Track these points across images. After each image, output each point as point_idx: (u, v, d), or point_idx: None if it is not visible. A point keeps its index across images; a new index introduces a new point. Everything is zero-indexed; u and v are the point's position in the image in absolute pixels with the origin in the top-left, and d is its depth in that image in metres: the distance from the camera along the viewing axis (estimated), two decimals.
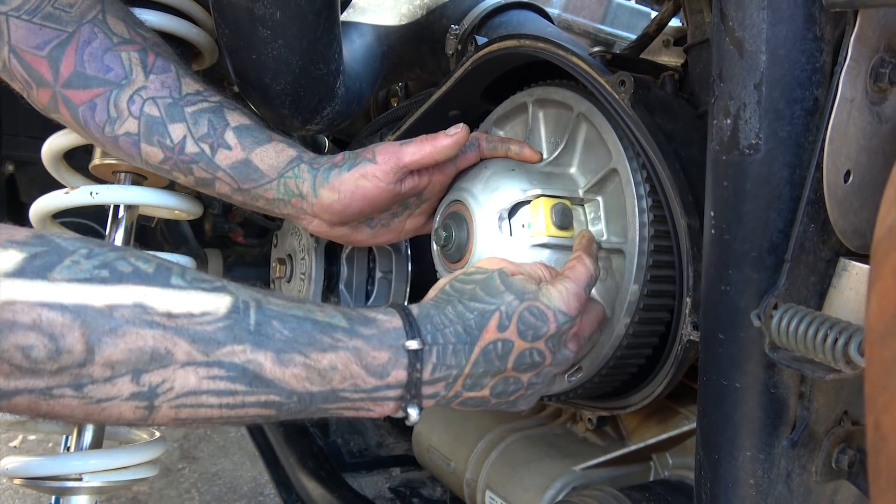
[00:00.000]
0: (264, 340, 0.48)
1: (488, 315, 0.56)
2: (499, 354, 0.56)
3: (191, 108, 0.72)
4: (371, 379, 0.52)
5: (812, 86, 0.40)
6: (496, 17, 0.93)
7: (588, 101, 0.71)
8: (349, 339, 0.51)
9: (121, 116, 0.71)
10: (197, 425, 0.50)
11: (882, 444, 0.20)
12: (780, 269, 0.42)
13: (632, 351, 0.69)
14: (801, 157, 0.41)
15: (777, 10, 0.39)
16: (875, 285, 0.22)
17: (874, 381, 0.21)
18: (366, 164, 0.71)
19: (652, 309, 0.67)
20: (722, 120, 0.43)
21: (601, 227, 0.71)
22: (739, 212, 0.44)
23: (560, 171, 0.74)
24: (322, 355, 0.50)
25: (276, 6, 0.70)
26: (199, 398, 0.47)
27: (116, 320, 0.44)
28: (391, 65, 1.00)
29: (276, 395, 0.49)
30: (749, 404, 0.46)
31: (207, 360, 0.47)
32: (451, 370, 0.55)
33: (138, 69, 0.71)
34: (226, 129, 0.72)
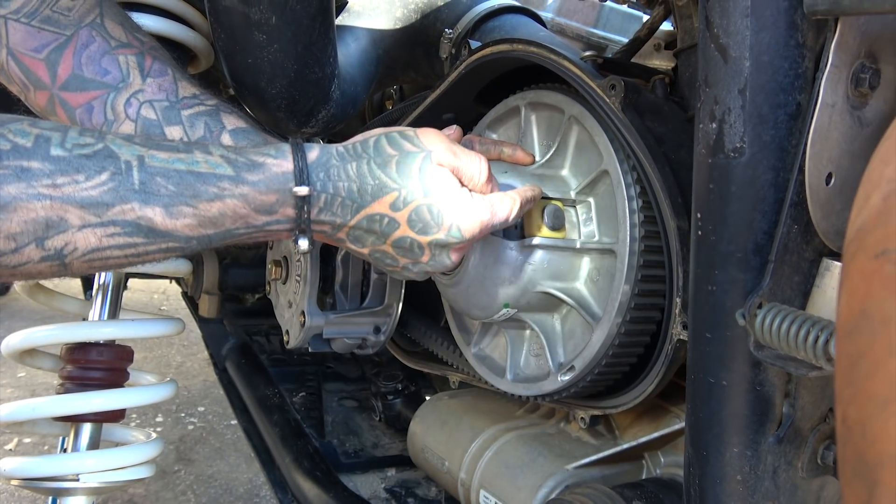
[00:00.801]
0: (151, 197, 0.52)
1: (386, 191, 0.59)
2: (382, 228, 0.60)
3: (187, 111, 0.72)
4: (261, 216, 0.56)
5: (795, 91, 0.41)
6: (490, 21, 0.94)
7: (580, 104, 0.72)
8: (235, 187, 0.55)
9: (118, 119, 0.72)
10: (108, 269, 0.55)
11: (848, 436, 0.21)
12: (764, 269, 0.43)
13: (623, 350, 0.70)
14: (784, 161, 0.42)
15: (760, 18, 0.40)
16: (844, 284, 0.23)
17: (841, 376, 0.22)
18: None
19: (643, 309, 0.68)
20: (707, 124, 0.44)
21: (593, 227, 0.72)
22: (725, 213, 0.45)
23: (552, 172, 0.75)
24: (210, 205, 0.54)
25: (272, 11, 0.70)
26: (104, 253, 0.51)
27: (4, 197, 0.47)
28: (386, 68, 1.01)
29: (174, 242, 0.53)
30: (736, 402, 0.47)
31: (101, 221, 0.50)
32: (335, 218, 0.58)
33: (135, 73, 0.72)
34: (222, 132, 0.72)
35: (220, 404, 2.40)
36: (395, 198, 0.59)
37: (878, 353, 0.20)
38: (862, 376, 0.20)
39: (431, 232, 0.60)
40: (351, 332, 1.07)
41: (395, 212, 0.59)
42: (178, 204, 0.53)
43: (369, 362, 1.41)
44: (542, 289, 0.72)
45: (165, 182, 0.53)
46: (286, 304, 1.11)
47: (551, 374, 0.75)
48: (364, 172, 0.59)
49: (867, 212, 0.24)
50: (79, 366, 0.80)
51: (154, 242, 0.53)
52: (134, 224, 0.51)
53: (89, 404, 0.77)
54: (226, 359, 1.38)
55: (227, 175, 0.55)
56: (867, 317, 0.21)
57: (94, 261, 0.52)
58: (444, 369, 1.02)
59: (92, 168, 0.50)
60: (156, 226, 0.52)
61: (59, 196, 0.49)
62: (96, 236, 0.51)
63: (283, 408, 1.17)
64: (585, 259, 0.73)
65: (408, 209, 0.59)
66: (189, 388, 2.62)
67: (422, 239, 0.60)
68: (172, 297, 3.45)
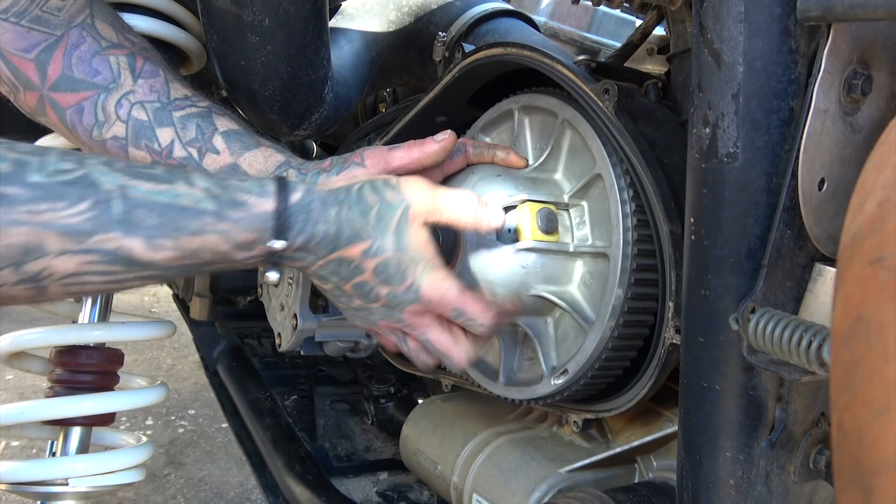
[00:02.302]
0: (132, 228, 0.52)
1: (361, 238, 0.60)
2: (349, 270, 0.61)
3: (179, 112, 0.72)
4: (240, 252, 0.57)
5: (788, 97, 0.41)
6: (483, 24, 0.94)
7: (573, 108, 0.72)
8: (216, 224, 0.55)
9: (108, 120, 0.71)
10: (91, 293, 0.54)
11: (844, 443, 0.21)
12: (757, 274, 0.43)
13: (616, 353, 0.70)
14: (777, 166, 0.42)
15: (754, 24, 0.40)
16: (839, 291, 0.23)
17: (837, 383, 0.22)
18: (354, 168, 0.72)
19: (636, 312, 0.68)
20: (701, 129, 0.44)
21: (586, 231, 0.72)
22: (718, 218, 0.45)
23: (545, 176, 0.75)
24: (191, 239, 0.54)
25: (265, 13, 0.70)
26: (82, 279, 0.51)
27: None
28: (379, 71, 1.01)
29: (154, 271, 0.54)
30: (729, 406, 0.48)
31: (81, 248, 0.50)
32: (308, 255, 0.60)
33: (126, 73, 0.71)
34: (214, 133, 0.72)
35: (210, 407, 2.39)
36: (368, 245, 0.60)
37: (875, 359, 0.20)
38: (858, 382, 0.20)
39: (393, 283, 0.62)
40: (343, 336, 1.06)
41: (364, 258, 0.60)
42: (159, 237, 0.53)
43: (362, 365, 1.41)
44: (535, 292, 0.72)
45: (147, 214, 0.52)
46: (278, 307, 1.11)
47: (544, 377, 0.75)
48: (343, 218, 0.60)
49: (862, 218, 0.24)
50: (68, 369, 0.80)
51: (133, 271, 0.53)
52: (113, 253, 0.51)
53: (78, 408, 0.76)
54: (217, 362, 1.38)
55: (210, 210, 0.55)
56: (863, 323, 0.21)
57: (72, 285, 0.51)
58: (436, 373, 1.01)
59: (72, 196, 0.50)
60: (136, 256, 0.52)
61: (38, 222, 0.49)
62: (75, 263, 0.50)
63: (275, 411, 1.16)
64: (578, 262, 0.73)
65: (377, 259, 0.61)
66: (180, 391, 2.60)
67: (381, 289, 0.62)
68: (163, 300, 3.43)
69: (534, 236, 0.70)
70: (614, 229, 0.67)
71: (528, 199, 0.71)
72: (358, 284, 0.62)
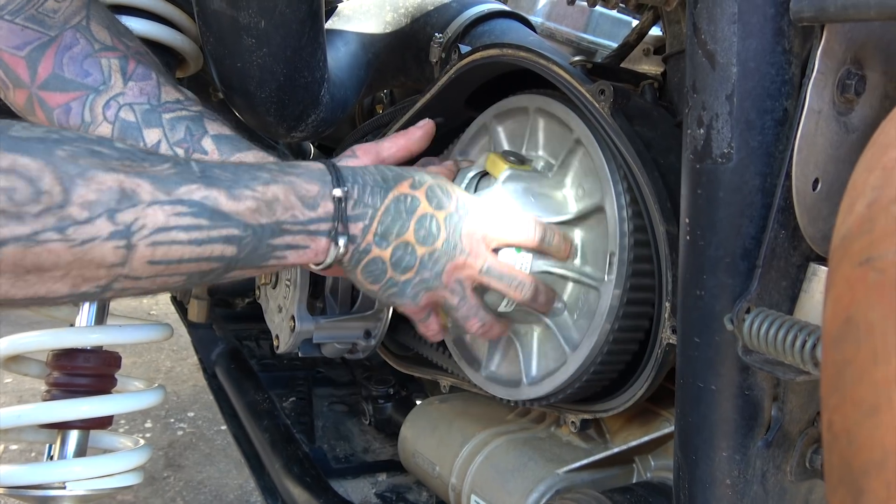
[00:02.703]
0: (213, 181, 0.54)
1: (404, 176, 0.65)
2: (407, 207, 0.64)
3: (169, 114, 0.72)
4: (306, 210, 0.59)
5: (781, 97, 0.42)
6: (480, 26, 0.94)
7: (545, 97, 0.73)
8: (283, 175, 0.59)
9: (95, 121, 0.71)
10: (168, 274, 0.54)
11: (834, 444, 0.21)
12: (752, 274, 0.43)
13: (613, 356, 0.70)
14: (771, 166, 0.42)
15: (747, 25, 0.40)
16: (830, 292, 0.23)
17: (827, 383, 0.22)
18: (347, 161, 0.72)
19: (640, 279, 0.68)
20: (696, 129, 0.44)
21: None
22: (713, 219, 0.45)
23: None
24: (266, 188, 0.56)
25: (261, 15, 0.70)
26: (170, 234, 0.52)
27: (81, 166, 0.48)
28: (376, 72, 1.01)
29: (235, 228, 0.55)
30: (724, 406, 0.48)
31: (170, 199, 0.51)
32: (367, 208, 0.62)
33: (117, 75, 0.71)
34: (203, 136, 0.72)
35: (209, 409, 2.39)
36: (412, 181, 0.65)
37: (864, 360, 0.20)
38: (848, 383, 0.20)
39: (445, 204, 0.65)
40: (341, 337, 1.06)
41: (414, 190, 0.65)
42: (238, 186, 0.55)
43: (360, 367, 1.41)
44: (541, 269, 0.72)
45: (222, 171, 0.55)
46: (276, 309, 1.11)
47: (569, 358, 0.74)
48: (381, 169, 0.66)
49: (852, 219, 0.24)
50: (65, 372, 0.79)
51: (216, 227, 0.54)
52: (200, 204, 0.53)
53: (75, 411, 0.76)
54: (215, 364, 1.38)
55: (275, 168, 0.59)
56: (852, 324, 0.21)
57: (158, 245, 0.51)
58: (434, 373, 1.01)
59: (155, 159, 0.53)
60: (220, 206, 0.54)
61: (132, 171, 0.50)
62: (164, 213, 0.51)
63: (273, 413, 1.16)
64: (577, 231, 0.73)
65: (424, 188, 0.65)
66: (178, 394, 2.60)
67: (438, 214, 0.65)
68: (162, 302, 3.43)
69: (507, 165, 0.72)
70: (611, 229, 0.67)
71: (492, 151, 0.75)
72: (419, 220, 0.64)
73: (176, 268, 0.53)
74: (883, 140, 0.25)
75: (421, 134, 0.75)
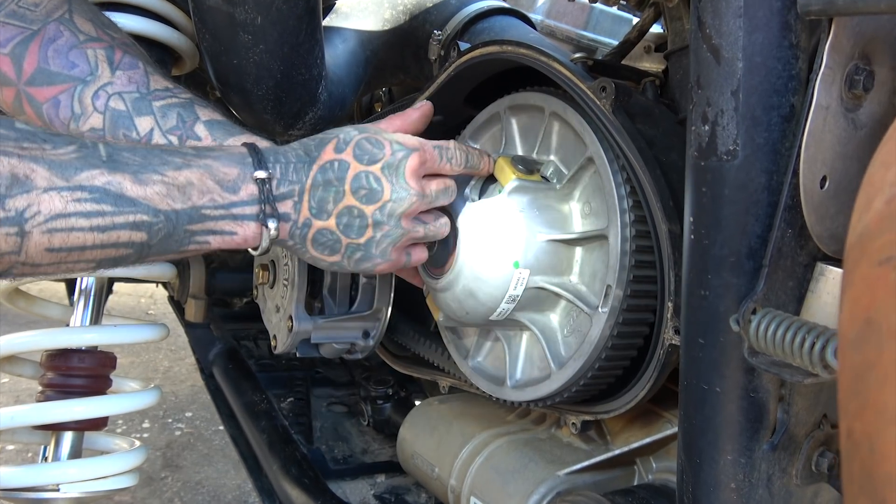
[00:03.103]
0: (119, 165, 0.52)
1: (326, 141, 0.63)
2: (336, 174, 0.62)
3: (159, 102, 0.70)
4: (226, 194, 0.57)
5: (788, 93, 0.41)
6: (479, 23, 0.93)
7: (562, 101, 0.72)
8: (199, 159, 0.57)
9: (85, 112, 0.69)
10: (72, 261, 0.51)
11: (855, 452, 0.20)
12: (758, 273, 0.42)
13: (615, 352, 0.69)
14: (777, 163, 0.41)
15: (753, 18, 0.39)
16: (847, 292, 0.23)
17: (846, 388, 0.21)
18: None
19: (634, 314, 0.67)
20: (700, 126, 0.43)
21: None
22: (718, 217, 0.44)
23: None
24: (177, 173, 0.55)
25: (257, 11, 0.69)
26: (69, 221, 0.50)
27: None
28: (374, 70, 1.00)
29: (143, 213, 0.53)
30: (729, 408, 0.47)
31: (69, 185, 0.49)
32: (293, 185, 0.61)
33: (104, 65, 0.69)
34: (196, 122, 0.70)
35: (207, 409, 2.38)
36: (336, 142, 0.63)
37: (887, 364, 0.19)
38: (870, 388, 0.19)
39: (378, 157, 0.63)
40: (339, 337, 1.05)
41: (339, 153, 0.63)
42: (146, 171, 0.53)
43: (359, 367, 1.40)
44: (536, 284, 0.71)
45: (132, 155, 0.54)
46: (274, 309, 1.10)
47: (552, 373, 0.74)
48: (304, 142, 0.64)
49: (869, 216, 0.23)
50: (59, 373, 0.79)
51: (122, 213, 0.52)
52: (102, 190, 0.51)
53: (70, 412, 0.75)
54: (213, 364, 1.37)
55: (190, 152, 0.58)
56: (873, 326, 0.20)
57: (56, 232, 0.49)
58: (433, 374, 1.00)
59: (58, 141, 0.51)
60: (125, 191, 0.52)
61: (27, 156, 0.48)
62: (62, 200, 0.49)
63: (271, 414, 1.15)
64: (578, 249, 0.72)
65: (350, 146, 0.63)
66: (176, 394, 2.59)
67: (373, 168, 0.63)
68: (160, 301, 3.41)
69: (515, 175, 0.71)
70: (612, 223, 0.66)
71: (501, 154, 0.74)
72: (353, 182, 0.62)
73: (80, 255, 0.51)
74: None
75: (418, 116, 0.73)
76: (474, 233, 0.71)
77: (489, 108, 0.81)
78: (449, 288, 0.74)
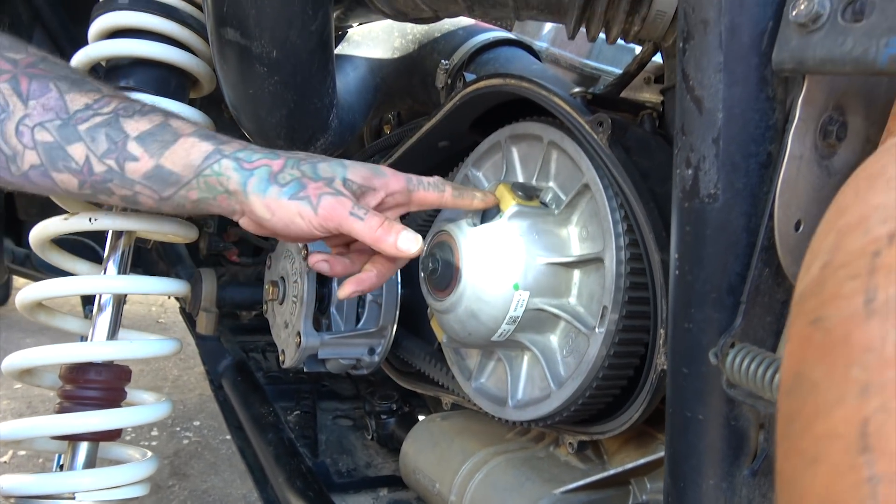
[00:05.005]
0: None
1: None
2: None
3: (84, 125, 0.66)
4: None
5: (765, 141, 0.43)
6: (485, 53, 0.97)
7: (559, 130, 0.75)
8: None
9: (17, 152, 0.66)
10: None
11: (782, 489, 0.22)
12: (737, 309, 0.45)
13: (612, 371, 0.71)
14: (756, 207, 0.44)
15: (732, 73, 0.42)
16: (787, 345, 0.25)
17: (780, 431, 0.24)
18: (306, 206, 0.66)
19: (629, 334, 0.70)
20: (684, 170, 0.46)
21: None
22: (700, 255, 0.47)
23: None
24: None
25: (273, 45, 0.73)
26: None
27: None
28: (383, 95, 1.03)
29: None
30: (712, 436, 0.49)
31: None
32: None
33: (14, 98, 0.65)
34: (126, 140, 0.67)
35: (215, 419, 2.41)
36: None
37: (808, 414, 0.21)
38: (795, 434, 0.22)
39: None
40: (346, 354, 1.09)
41: None
42: None
43: (364, 381, 1.43)
44: (536, 306, 0.73)
45: None
46: (282, 325, 1.13)
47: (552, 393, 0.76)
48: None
49: (807, 279, 0.26)
50: (77, 385, 0.82)
51: None
52: None
53: (86, 424, 0.78)
54: (222, 376, 1.40)
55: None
56: (801, 379, 0.23)
57: None
58: (436, 390, 1.03)
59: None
60: None
61: None
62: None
63: (278, 427, 1.18)
64: (576, 272, 0.74)
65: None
66: (185, 402, 2.62)
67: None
68: (170, 310, 3.46)
69: (515, 201, 0.73)
70: (607, 247, 0.68)
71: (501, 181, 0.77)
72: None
73: None
74: (841, 202, 0.27)
75: (392, 248, 0.67)
76: (476, 256, 0.74)
77: (491, 137, 0.84)
78: (452, 309, 0.77)
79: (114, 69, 0.94)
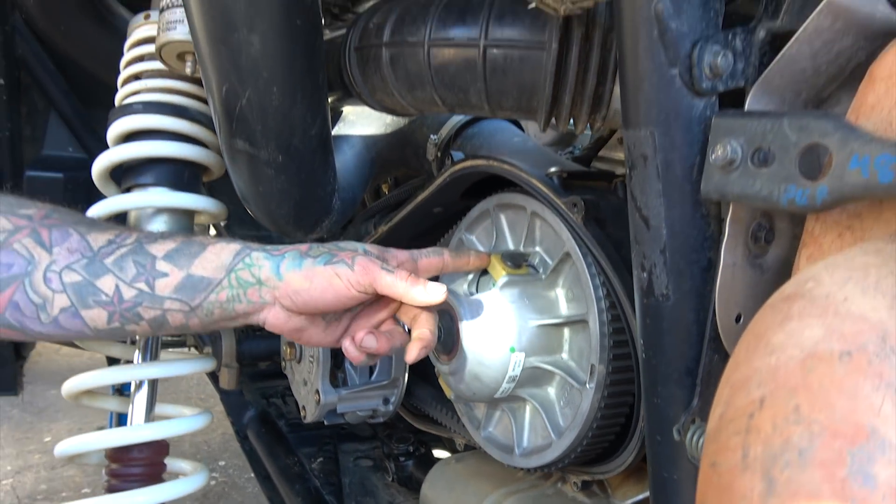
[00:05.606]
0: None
1: None
2: None
3: (110, 258, 0.68)
4: None
5: (704, 250, 0.51)
6: (469, 128, 1.05)
7: (540, 202, 0.83)
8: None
9: (47, 299, 0.66)
10: None
11: None
12: (695, 390, 0.53)
13: (605, 421, 0.78)
14: (702, 304, 0.52)
15: (670, 198, 0.50)
16: (700, 475, 0.32)
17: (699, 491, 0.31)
18: (343, 267, 0.71)
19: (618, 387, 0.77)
20: (640, 272, 0.54)
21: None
22: (661, 343, 0.55)
23: None
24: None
25: (279, 151, 0.81)
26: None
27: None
28: (379, 167, 1.12)
29: None
30: (686, 494, 0.57)
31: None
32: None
33: (38, 250, 0.67)
34: (154, 261, 0.69)
35: (240, 457, 2.47)
36: None
37: None
38: None
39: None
40: (362, 406, 1.17)
41: None
42: None
43: (381, 424, 1.50)
44: (531, 364, 0.81)
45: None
46: (301, 382, 1.21)
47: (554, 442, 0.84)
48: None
49: (711, 424, 0.33)
50: (122, 464, 0.90)
51: None
52: None
53: (132, 501, 0.87)
54: (247, 427, 1.48)
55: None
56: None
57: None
58: (450, 433, 1.11)
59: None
60: None
61: None
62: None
63: (304, 476, 1.26)
64: (566, 330, 0.82)
65: None
66: (209, 443, 2.69)
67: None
68: None
69: (506, 271, 0.81)
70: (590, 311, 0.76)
71: (491, 251, 0.86)
72: None
73: None
74: (737, 356, 0.35)
75: (420, 297, 0.73)
76: (474, 324, 0.82)
77: (480, 204, 0.92)
78: (456, 372, 0.85)
79: (132, 167, 1.03)
